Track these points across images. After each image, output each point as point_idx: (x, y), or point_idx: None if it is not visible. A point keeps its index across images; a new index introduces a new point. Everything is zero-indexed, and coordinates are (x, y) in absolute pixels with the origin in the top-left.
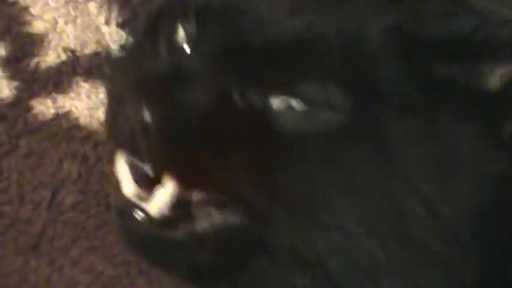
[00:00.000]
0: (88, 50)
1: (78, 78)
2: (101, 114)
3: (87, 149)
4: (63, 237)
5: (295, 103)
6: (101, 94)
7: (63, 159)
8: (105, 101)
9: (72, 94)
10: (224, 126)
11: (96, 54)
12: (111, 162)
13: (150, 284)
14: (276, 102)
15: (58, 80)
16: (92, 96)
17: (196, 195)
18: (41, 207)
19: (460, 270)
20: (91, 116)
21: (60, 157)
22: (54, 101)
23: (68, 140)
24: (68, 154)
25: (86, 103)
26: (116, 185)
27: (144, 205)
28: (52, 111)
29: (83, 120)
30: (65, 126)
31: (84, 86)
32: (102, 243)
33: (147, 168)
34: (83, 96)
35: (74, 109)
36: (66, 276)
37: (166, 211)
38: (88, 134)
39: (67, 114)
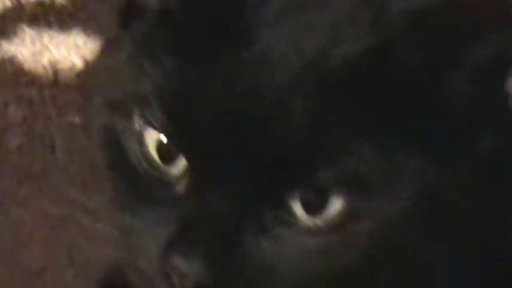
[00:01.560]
0: None
1: (23, 25)
2: (45, 59)
3: (32, 93)
4: (9, 179)
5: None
6: (44, 39)
7: (9, 103)
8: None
9: (17, 40)
10: None
11: (40, 1)
12: (55, 105)
13: (96, 223)
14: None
15: (3, 25)
16: (37, 41)
17: None
18: None
19: None
20: (36, 61)
21: (5, 101)
22: None
23: (13, 84)
24: (13, 98)
25: (31, 48)
26: None
27: None
28: None
29: (28, 65)
30: (10, 71)
31: (29, 32)
32: (48, 184)
33: None
34: (28, 41)
35: (19, 54)
36: (13, 217)
37: None
38: (33, 79)
39: (12, 59)
